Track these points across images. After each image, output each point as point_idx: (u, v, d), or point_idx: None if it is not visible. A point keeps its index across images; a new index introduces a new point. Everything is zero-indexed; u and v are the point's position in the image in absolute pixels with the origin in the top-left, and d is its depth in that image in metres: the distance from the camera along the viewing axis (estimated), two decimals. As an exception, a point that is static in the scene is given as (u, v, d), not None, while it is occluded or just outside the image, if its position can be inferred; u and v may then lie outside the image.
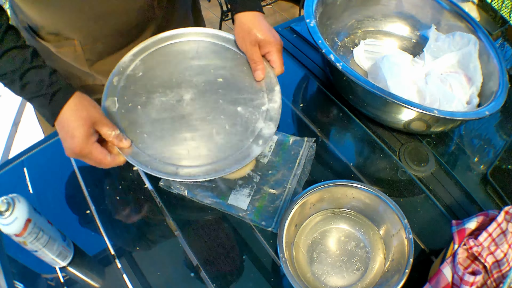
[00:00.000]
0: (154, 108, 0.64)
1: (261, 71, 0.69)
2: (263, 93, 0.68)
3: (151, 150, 0.60)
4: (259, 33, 0.67)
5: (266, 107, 0.67)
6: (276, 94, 0.68)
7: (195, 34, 0.74)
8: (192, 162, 0.60)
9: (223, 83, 0.69)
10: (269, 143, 0.71)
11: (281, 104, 0.67)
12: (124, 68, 0.69)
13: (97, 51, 0.76)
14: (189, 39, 0.74)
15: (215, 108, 0.66)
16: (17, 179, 0.67)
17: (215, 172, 0.59)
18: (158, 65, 0.70)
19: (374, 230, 0.60)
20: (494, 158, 0.73)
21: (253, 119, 0.65)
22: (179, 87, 0.67)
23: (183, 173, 0.58)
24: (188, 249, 0.60)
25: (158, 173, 0.58)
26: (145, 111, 0.64)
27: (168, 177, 0.58)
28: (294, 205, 0.57)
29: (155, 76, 0.69)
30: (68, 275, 0.57)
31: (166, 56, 0.71)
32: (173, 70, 0.70)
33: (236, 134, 0.63)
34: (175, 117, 0.64)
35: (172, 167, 0.59)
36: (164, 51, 0.72)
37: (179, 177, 0.58)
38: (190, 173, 0.58)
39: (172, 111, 0.65)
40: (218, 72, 0.70)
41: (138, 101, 0.65)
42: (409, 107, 0.63)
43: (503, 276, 0.49)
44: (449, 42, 0.80)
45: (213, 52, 0.73)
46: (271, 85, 0.69)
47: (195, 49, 0.73)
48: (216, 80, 0.69)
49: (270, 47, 0.69)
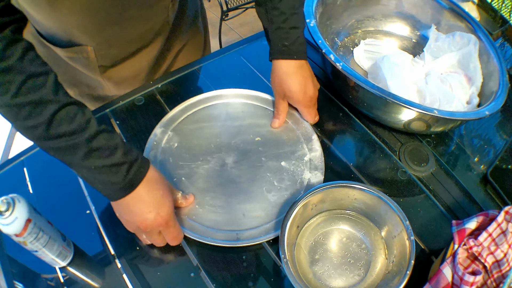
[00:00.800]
0: (200, 178, 0.65)
1: (278, 120, 0.71)
2: (302, 144, 0.70)
3: (207, 221, 0.61)
4: (287, 91, 0.67)
5: (309, 157, 0.68)
6: (315, 142, 0.70)
7: (221, 97, 0.76)
8: (251, 224, 0.61)
9: (261, 141, 0.70)
10: None
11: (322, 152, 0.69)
12: (158, 142, 0.69)
13: (111, 57, 0.74)
14: (216, 102, 0.76)
15: (259, 166, 0.67)
16: (17, 179, 0.67)
17: (275, 230, 0.60)
18: (192, 133, 0.70)
19: (376, 231, 0.60)
20: (494, 158, 0.73)
21: (299, 171, 0.67)
22: (220, 151, 0.68)
23: (244, 237, 0.59)
24: (188, 249, 0.60)
25: (221, 242, 0.58)
26: (191, 182, 0.65)
27: (231, 245, 0.58)
28: (296, 206, 0.56)
29: (192, 145, 0.69)
30: (68, 275, 0.57)
31: (198, 122, 0.72)
32: (209, 135, 0.70)
33: (286, 189, 0.65)
34: (223, 183, 0.64)
35: (232, 234, 0.59)
36: (194, 118, 0.73)
37: (242, 241, 0.58)
38: (251, 235, 0.59)
39: (219, 177, 0.65)
40: (254, 131, 0.71)
41: (181, 173, 0.65)
42: (409, 107, 0.63)
43: (503, 276, 0.49)
44: (449, 42, 0.80)
45: (244, 112, 0.74)
46: (308, 135, 0.71)
47: (225, 112, 0.74)
48: (254, 139, 0.70)
49: (296, 104, 0.70)
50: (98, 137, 0.45)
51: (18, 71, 0.41)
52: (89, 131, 0.45)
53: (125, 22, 0.68)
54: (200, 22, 0.92)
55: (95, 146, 0.45)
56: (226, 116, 0.74)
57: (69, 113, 0.44)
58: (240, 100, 0.76)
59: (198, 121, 0.73)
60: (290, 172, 0.67)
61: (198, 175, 0.66)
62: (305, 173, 0.67)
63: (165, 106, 0.77)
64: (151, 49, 0.79)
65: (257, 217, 0.62)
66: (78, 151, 0.45)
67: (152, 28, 0.74)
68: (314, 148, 0.69)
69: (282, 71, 0.67)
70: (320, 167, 0.67)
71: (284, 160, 0.68)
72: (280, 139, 0.71)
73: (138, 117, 0.75)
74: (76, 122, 0.44)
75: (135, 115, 0.76)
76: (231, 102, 0.75)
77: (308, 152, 0.69)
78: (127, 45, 0.74)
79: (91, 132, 0.45)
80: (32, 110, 0.42)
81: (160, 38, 0.78)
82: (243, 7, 1.97)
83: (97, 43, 0.70)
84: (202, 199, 0.63)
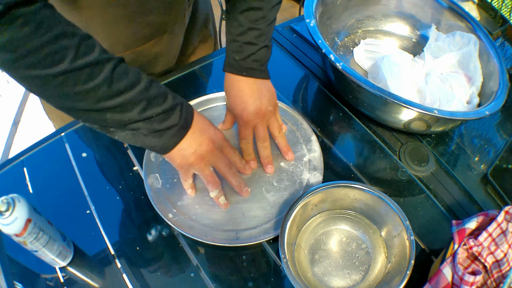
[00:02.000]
0: (199, 178, 0.64)
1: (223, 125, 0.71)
2: (301, 145, 0.70)
3: (206, 220, 0.61)
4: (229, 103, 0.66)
5: (308, 158, 0.69)
6: (314, 143, 0.70)
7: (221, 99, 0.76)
8: (250, 224, 0.61)
9: None
10: None
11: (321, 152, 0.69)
12: None
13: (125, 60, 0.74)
14: (217, 104, 0.76)
15: (258, 167, 0.67)
16: (17, 179, 0.67)
17: (274, 230, 0.60)
18: None
19: (376, 231, 0.60)
20: (495, 158, 0.73)
21: (298, 172, 0.67)
22: None
23: (244, 237, 0.59)
24: (188, 249, 0.60)
25: (221, 241, 0.58)
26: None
27: (230, 244, 0.59)
28: (296, 206, 0.56)
29: None
30: (68, 275, 0.57)
31: None
32: None
33: (285, 189, 0.65)
34: (223, 183, 0.64)
35: (231, 233, 0.60)
36: None
37: (241, 241, 0.59)
38: (250, 235, 0.59)
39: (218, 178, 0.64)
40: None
41: None
42: (409, 107, 0.63)
43: (503, 276, 0.49)
44: (449, 41, 0.80)
45: None
46: (307, 136, 0.71)
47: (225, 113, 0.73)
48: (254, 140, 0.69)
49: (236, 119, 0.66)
50: (152, 86, 0.47)
51: (71, 34, 0.41)
52: (143, 82, 0.46)
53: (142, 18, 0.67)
54: (211, 26, 0.92)
55: (152, 94, 0.47)
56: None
57: (123, 68, 0.45)
58: None
59: None
60: (289, 172, 0.67)
61: (198, 176, 0.66)
62: (304, 174, 0.67)
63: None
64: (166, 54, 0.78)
65: (256, 217, 0.62)
66: (139, 103, 0.46)
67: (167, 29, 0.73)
68: (313, 148, 0.70)
69: (227, 83, 0.65)
70: (319, 168, 0.67)
71: (283, 161, 0.68)
72: None
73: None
74: (131, 75, 0.45)
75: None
76: None
77: (307, 152, 0.69)
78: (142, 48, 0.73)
79: (146, 83, 0.46)
80: (92, 71, 0.42)
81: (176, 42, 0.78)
82: (243, 7, 1.96)
83: (111, 45, 0.68)
84: (201, 199, 0.63)
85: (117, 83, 0.44)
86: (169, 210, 0.61)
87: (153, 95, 0.47)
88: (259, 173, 0.67)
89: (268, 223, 0.61)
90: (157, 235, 0.61)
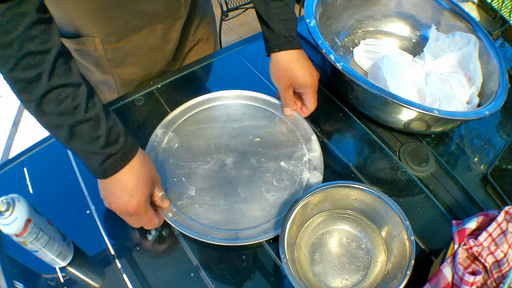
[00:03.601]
0: (199, 178, 0.65)
1: (289, 108, 0.73)
2: (301, 144, 0.71)
3: (205, 220, 0.61)
4: (295, 78, 0.67)
5: (308, 157, 0.69)
6: (314, 143, 0.70)
7: (221, 99, 0.76)
8: (250, 224, 0.61)
9: (261, 142, 0.71)
10: None
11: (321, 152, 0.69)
12: (159, 142, 0.70)
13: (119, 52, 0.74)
14: (217, 103, 0.76)
15: (258, 167, 0.67)
16: (17, 179, 0.67)
17: (274, 230, 0.60)
18: (192, 134, 0.71)
19: (376, 231, 0.60)
20: (494, 158, 0.73)
21: (298, 171, 0.67)
22: (219, 152, 0.69)
23: (243, 236, 0.59)
24: (188, 249, 0.60)
25: (220, 241, 0.58)
26: (191, 182, 0.65)
27: (229, 243, 0.59)
28: (296, 206, 0.56)
29: (192, 145, 0.70)
30: (68, 275, 0.57)
31: (198, 124, 0.73)
32: (209, 137, 0.71)
33: (285, 189, 0.65)
34: (222, 183, 0.65)
35: (231, 233, 0.60)
36: (194, 120, 0.73)
37: (241, 241, 0.59)
38: (250, 235, 0.60)
39: (218, 178, 0.66)
40: (254, 132, 0.72)
41: (181, 173, 0.66)
42: (409, 107, 0.63)
43: (503, 276, 0.49)
44: (449, 42, 0.80)
45: (244, 114, 0.75)
46: (307, 135, 0.72)
47: (225, 113, 0.74)
48: (254, 140, 0.70)
49: (305, 89, 0.69)
50: (81, 125, 0.47)
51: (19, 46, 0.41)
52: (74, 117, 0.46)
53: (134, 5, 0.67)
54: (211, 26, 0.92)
55: (77, 131, 0.47)
56: (226, 117, 0.74)
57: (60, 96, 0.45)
58: (240, 101, 0.76)
59: (199, 122, 0.73)
60: (289, 172, 0.67)
61: (197, 175, 0.66)
62: (304, 173, 0.67)
63: (165, 106, 0.77)
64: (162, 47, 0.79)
65: (256, 216, 0.62)
66: (62, 131, 0.47)
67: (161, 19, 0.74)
68: (313, 148, 0.70)
69: (287, 60, 0.67)
70: (319, 167, 0.67)
71: (284, 161, 0.68)
72: (279, 140, 0.71)
73: (138, 117, 0.75)
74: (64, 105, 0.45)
75: (135, 115, 0.76)
76: (231, 104, 0.76)
77: (307, 152, 0.69)
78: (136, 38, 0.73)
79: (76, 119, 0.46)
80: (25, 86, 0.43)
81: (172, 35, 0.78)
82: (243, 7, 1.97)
83: (104, 34, 0.69)
84: (201, 199, 0.63)
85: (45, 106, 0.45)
86: (169, 209, 0.61)
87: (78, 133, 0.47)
88: (259, 174, 0.67)
89: (268, 222, 0.61)
90: (157, 235, 0.61)
